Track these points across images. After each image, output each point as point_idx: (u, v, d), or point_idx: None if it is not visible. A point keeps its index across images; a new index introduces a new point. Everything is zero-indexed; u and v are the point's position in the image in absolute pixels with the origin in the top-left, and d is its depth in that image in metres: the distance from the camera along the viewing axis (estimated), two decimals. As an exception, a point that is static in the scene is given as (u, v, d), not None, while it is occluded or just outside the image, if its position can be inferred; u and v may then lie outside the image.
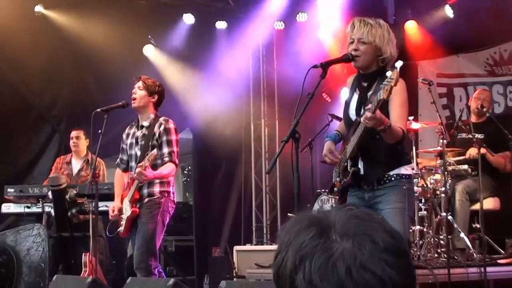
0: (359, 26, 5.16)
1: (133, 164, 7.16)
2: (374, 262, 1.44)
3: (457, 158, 8.40)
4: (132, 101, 7.16)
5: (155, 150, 6.79)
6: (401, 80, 5.17)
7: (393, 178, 5.09)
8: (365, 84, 5.14)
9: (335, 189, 5.57)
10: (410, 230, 5.96)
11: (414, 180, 6.66)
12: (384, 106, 5.03)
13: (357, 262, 1.44)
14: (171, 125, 7.12)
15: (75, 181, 9.31)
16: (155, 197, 6.97)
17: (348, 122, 5.26)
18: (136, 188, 6.92)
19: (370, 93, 5.09)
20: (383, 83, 4.62)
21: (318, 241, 1.49)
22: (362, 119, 4.83)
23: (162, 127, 7.05)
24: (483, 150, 7.90)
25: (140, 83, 7.19)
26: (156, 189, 6.98)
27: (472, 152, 8.18)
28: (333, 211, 1.55)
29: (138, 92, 7.16)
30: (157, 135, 7.04)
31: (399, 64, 4.77)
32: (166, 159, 6.94)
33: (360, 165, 5.18)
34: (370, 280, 1.43)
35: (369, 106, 4.77)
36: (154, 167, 6.89)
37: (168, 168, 6.98)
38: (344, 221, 1.51)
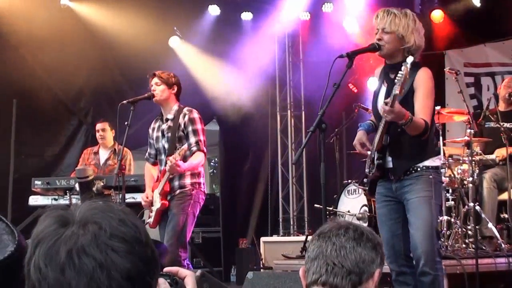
0: (382, 16, 5.20)
1: (162, 157, 7.13)
2: (96, 246, 1.46)
3: (487, 156, 8.27)
4: (154, 97, 7.13)
5: (185, 145, 6.79)
6: (427, 69, 5.17)
7: (419, 169, 5.09)
8: (392, 76, 5.09)
9: (365, 180, 5.56)
10: (438, 220, 5.92)
11: (442, 170, 6.60)
12: (409, 96, 5.02)
13: (77, 245, 1.46)
14: (195, 114, 7.08)
15: (103, 171, 9.35)
16: (186, 188, 6.93)
17: (377, 114, 5.22)
18: (167, 181, 6.91)
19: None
20: (396, 78, 4.65)
21: (53, 227, 1.51)
22: (381, 113, 4.85)
23: (187, 117, 7.00)
24: (510, 149, 7.83)
25: (156, 79, 7.12)
26: (187, 181, 6.95)
27: (502, 152, 8.09)
28: (79, 205, 1.58)
29: (157, 87, 7.10)
30: (182, 125, 7.00)
31: (410, 59, 4.72)
32: (194, 148, 6.89)
33: (389, 158, 5.18)
34: (89, 264, 1.45)
35: (388, 100, 4.76)
36: (183, 159, 6.86)
37: (197, 158, 6.94)
38: (84, 211, 1.54)
